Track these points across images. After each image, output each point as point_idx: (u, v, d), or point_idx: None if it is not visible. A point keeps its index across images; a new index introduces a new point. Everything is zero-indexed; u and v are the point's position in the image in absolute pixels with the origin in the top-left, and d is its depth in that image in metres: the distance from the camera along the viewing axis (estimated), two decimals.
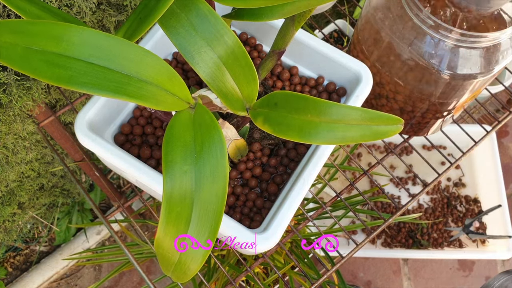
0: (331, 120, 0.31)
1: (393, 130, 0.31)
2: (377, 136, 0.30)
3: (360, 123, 0.31)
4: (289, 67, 0.60)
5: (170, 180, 0.29)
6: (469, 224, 1.18)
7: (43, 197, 0.96)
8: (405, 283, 1.26)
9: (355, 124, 0.30)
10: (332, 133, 0.30)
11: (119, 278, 1.21)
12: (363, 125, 0.30)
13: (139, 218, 1.08)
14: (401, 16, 0.56)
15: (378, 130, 0.30)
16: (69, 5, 0.55)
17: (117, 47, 0.28)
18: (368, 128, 0.30)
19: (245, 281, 0.89)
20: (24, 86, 0.58)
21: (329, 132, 0.30)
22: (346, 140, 0.30)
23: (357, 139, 0.30)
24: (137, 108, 0.56)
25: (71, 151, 0.74)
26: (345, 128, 0.30)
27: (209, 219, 0.29)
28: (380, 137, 0.31)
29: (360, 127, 0.30)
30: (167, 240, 0.29)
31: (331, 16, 1.17)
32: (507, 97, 1.37)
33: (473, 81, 0.57)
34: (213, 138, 0.30)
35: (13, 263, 1.18)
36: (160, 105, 0.30)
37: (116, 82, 0.28)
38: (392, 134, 0.31)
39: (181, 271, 0.30)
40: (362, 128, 0.30)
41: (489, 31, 0.57)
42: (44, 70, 0.26)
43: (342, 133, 0.30)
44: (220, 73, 0.34)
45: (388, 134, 0.31)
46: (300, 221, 0.85)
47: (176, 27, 0.32)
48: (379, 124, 0.30)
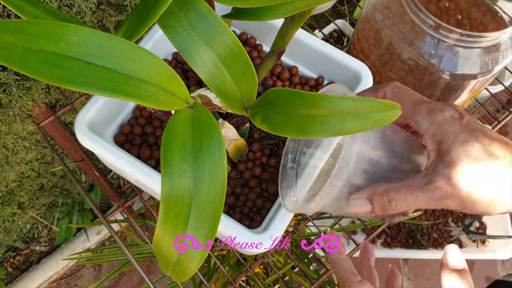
0: (327, 113, 0.30)
1: (390, 115, 0.30)
2: (375, 123, 0.30)
3: (357, 112, 0.30)
4: (289, 67, 0.60)
5: (168, 179, 0.29)
6: (469, 224, 1.18)
7: (43, 197, 0.96)
8: (405, 283, 1.26)
9: (352, 113, 0.30)
10: (330, 125, 0.30)
11: (119, 278, 1.21)
12: (360, 114, 0.30)
13: (139, 218, 1.08)
14: (401, 16, 0.56)
15: (376, 117, 0.30)
16: (69, 5, 0.55)
17: (116, 47, 0.28)
18: (366, 116, 0.30)
19: (245, 281, 0.89)
20: (24, 86, 0.58)
21: (326, 125, 0.30)
22: (345, 131, 0.30)
23: (355, 128, 0.30)
24: (137, 108, 0.56)
25: (71, 151, 0.74)
26: (341, 119, 0.30)
27: (208, 218, 0.29)
28: (379, 124, 0.30)
29: (357, 116, 0.30)
30: (165, 240, 0.29)
31: (331, 16, 1.17)
32: (507, 97, 1.37)
33: (473, 81, 0.57)
34: (212, 138, 0.30)
35: (13, 263, 1.18)
36: (158, 104, 0.30)
37: (114, 82, 0.28)
38: (389, 120, 0.30)
39: (180, 270, 0.30)
40: (359, 117, 0.30)
41: (489, 31, 0.57)
42: (43, 70, 0.26)
43: (339, 125, 0.30)
44: (219, 73, 0.34)
45: (386, 120, 0.30)
46: (300, 221, 0.85)
47: (175, 27, 0.32)
48: (376, 111, 0.30)
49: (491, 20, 0.59)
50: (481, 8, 0.59)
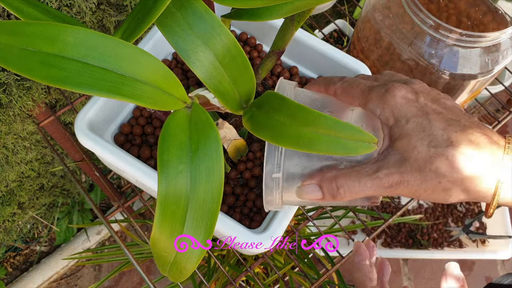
0: (300, 124, 0.30)
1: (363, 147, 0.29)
2: (344, 150, 0.29)
3: (329, 133, 0.29)
4: (289, 67, 0.60)
5: (165, 179, 0.29)
6: (469, 224, 1.18)
7: (43, 197, 0.96)
8: (405, 283, 1.26)
9: (323, 132, 0.29)
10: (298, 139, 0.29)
11: (119, 278, 1.21)
12: (331, 136, 0.29)
13: (139, 218, 1.08)
14: (401, 16, 0.56)
15: (346, 144, 0.29)
16: (69, 5, 0.55)
17: (112, 47, 0.28)
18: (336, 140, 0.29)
19: (245, 281, 0.89)
20: (24, 86, 0.58)
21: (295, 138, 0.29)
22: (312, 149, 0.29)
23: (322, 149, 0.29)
24: (136, 108, 0.56)
25: (71, 151, 0.74)
26: (312, 135, 0.29)
27: (205, 218, 0.29)
28: (348, 153, 0.29)
29: (329, 137, 0.29)
30: (162, 240, 0.29)
31: (331, 16, 1.17)
32: (507, 97, 1.36)
33: (473, 81, 0.57)
34: (209, 137, 0.30)
35: (13, 263, 1.18)
36: (155, 104, 0.30)
37: (111, 82, 0.28)
38: (361, 152, 0.29)
39: (177, 270, 0.30)
40: (330, 138, 0.29)
41: (489, 31, 0.57)
42: (40, 71, 0.26)
43: (308, 140, 0.29)
44: (217, 72, 0.34)
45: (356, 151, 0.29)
46: (300, 221, 0.85)
47: (173, 27, 0.32)
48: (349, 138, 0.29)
49: (492, 20, 0.59)
50: (481, 8, 0.59)
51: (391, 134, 0.35)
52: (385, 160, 0.34)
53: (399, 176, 0.34)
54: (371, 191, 0.34)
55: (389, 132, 0.35)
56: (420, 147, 0.33)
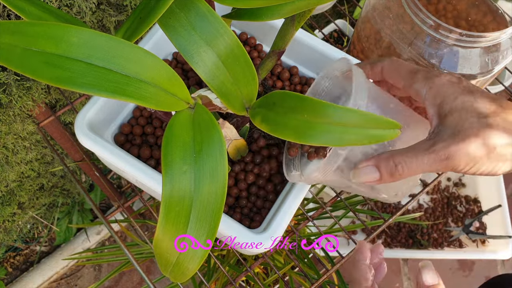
0: (328, 122, 0.30)
1: (390, 134, 0.31)
2: (374, 139, 0.30)
3: (357, 126, 0.30)
4: (289, 67, 0.60)
5: (169, 180, 0.29)
6: (469, 224, 1.18)
7: (43, 197, 0.96)
8: (405, 283, 1.26)
9: (352, 126, 0.30)
10: (329, 134, 0.30)
11: (119, 278, 1.21)
12: (360, 128, 0.30)
13: (139, 218, 1.08)
14: (401, 16, 0.56)
15: (375, 133, 0.30)
16: (69, 5, 0.55)
17: (116, 48, 0.28)
18: (365, 131, 0.30)
19: (245, 281, 0.89)
20: (24, 86, 0.58)
21: (325, 134, 0.30)
22: (343, 142, 0.30)
23: (353, 141, 0.30)
24: (137, 108, 0.56)
25: (71, 151, 0.74)
26: (342, 130, 0.30)
27: (208, 219, 0.29)
28: (377, 141, 0.30)
29: (357, 129, 0.30)
30: (166, 240, 0.29)
31: (331, 16, 1.17)
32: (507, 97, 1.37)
33: (473, 81, 0.57)
34: (213, 138, 0.30)
35: (13, 263, 1.18)
36: (159, 105, 0.30)
37: (115, 83, 0.28)
38: (389, 138, 0.31)
39: (179, 271, 0.30)
40: (359, 130, 0.30)
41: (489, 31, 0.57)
42: (43, 71, 0.26)
43: (338, 135, 0.30)
44: (220, 73, 0.34)
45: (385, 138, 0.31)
46: (300, 221, 0.85)
47: (176, 27, 0.32)
48: (376, 127, 0.30)
49: (492, 21, 0.59)
50: (481, 8, 0.59)
51: (439, 112, 0.37)
52: (439, 135, 0.36)
53: (455, 146, 0.35)
54: (427, 166, 0.36)
55: (437, 111, 0.37)
56: (471, 118, 0.36)
